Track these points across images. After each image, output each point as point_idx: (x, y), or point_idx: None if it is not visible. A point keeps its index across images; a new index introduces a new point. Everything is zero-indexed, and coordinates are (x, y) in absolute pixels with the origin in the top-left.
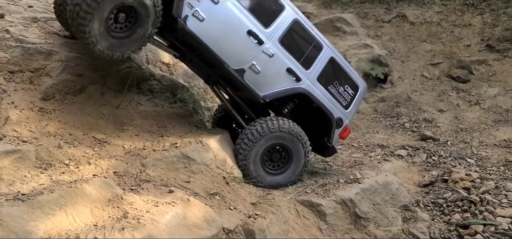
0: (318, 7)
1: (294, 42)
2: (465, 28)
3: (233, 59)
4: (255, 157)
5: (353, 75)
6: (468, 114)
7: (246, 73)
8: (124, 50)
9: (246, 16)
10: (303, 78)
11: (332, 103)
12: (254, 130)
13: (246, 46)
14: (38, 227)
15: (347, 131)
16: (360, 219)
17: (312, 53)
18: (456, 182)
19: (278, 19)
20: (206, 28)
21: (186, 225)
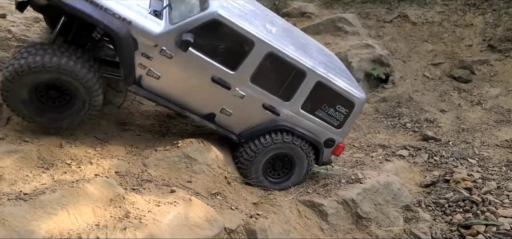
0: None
1: (269, 77)
2: (466, 28)
3: (200, 107)
4: (257, 172)
5: (347, 92)
6: (469, 114)
7: (217, 117)
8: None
9: (207, 64)
10: (283, 110)
11: (321, 127)
12: (248, 149)
13: (212, 93)
14: (40, 227)
15: (340, 148)
16: (362, 219)
17: (293, 83)
18: (458, 182)
19: (247, 58)
20: (165, 84)
21: (188, 225)
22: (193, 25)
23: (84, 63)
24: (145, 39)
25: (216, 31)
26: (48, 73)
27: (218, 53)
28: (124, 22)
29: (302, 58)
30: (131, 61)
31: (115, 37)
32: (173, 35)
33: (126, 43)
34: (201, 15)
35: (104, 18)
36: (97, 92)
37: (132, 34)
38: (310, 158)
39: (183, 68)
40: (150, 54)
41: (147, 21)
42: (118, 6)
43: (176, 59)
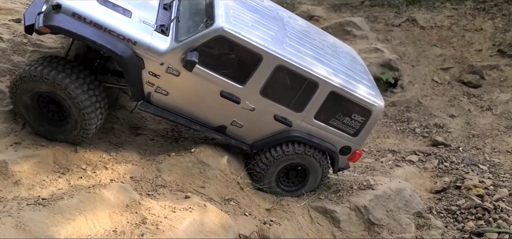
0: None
1: (280, 89)
2: (476, 33)
3: (211, 120)
4: (270, 183)
5: (364, 101)
6: (480, 120)
7: (228, 129)
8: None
9: (215, 80)
10: (296, 121)
11: (336, 136)
12: (259, 162)
13: (222, 107)
14: (59, 232)
15: (357, 155)
16: (374, 226)
17: (305, 94)
18: (469, 189)
19: (256, 72)
20: (173, 100)
21: (203, 232)
22: (198, 43)
23: (81, 84)
24: (151, 58)
25: (222, 46)
26: (46, 85)
27: (226, 68)
28: (129, 43)
29: (313, 69)
30: (138, 80)
31: (120, 60)
32: (179, 52)
33: (131, 64)
34: (206, 32)
35: (107, 42)
36: (89, 116)
37: (138, 53)
38: (325, 166)
39: (191, 85)
40: (157, 73)
41: (153, 38)
42: (122, 26)
43: (184, 77)
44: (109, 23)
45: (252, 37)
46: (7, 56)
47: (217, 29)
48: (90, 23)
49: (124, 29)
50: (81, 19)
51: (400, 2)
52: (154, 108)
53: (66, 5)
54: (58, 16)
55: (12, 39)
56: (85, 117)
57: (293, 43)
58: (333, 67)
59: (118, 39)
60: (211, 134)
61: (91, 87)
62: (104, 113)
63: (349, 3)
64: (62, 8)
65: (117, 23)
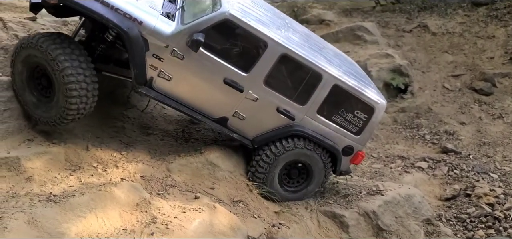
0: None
1: (283, 79)
2: (488, 40)
3: (213, 110)
4: (272, 183)
5: (367, 97)
6: (491, 128)
7: (230, 121)
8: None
9: (219, 66)
10: (298, 115)
11: (338, 133)
12: (260, 161)
13: (224, 95)
14: (70, 229)
15: (359, 156)
16: (382, 232)
17: (309, 86)
18: (479, 197)
19: (260, 59)
20: (176, 86)
21: (213, 232)
22: (204, 26)
23: (71, 60)
24: (156, 40)
25: (228, 32)
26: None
27: (230, 54)
28: (135, 22)
29: (318, 60)
30: (142, 62)
31: (125, 36)
32: (184, 35)
33: (136, 43)
34: (212, 15)
35: (114, 18)
36: (71, 93)
37: (143, 34)
38: (327, 163)
39: (194, 70)
40: (161, 55)
41: (159, 21)
42: (129, 6)
43: (188, 61)
44: (117, 2)
45: (258, 24)
46: None
47: (223, 12)
48: (98, 0)
49: (131, 9)
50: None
51: (412, 8)
52: (156, 94)
53: None
54: None
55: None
56: (67, 93)
57: (296, 38)
58: (336, 64)
59: (124, 18)
60: (213, 125)
61: (82, 66)
62: (90, 102)
63: (360, 8)
64: None
65: (125, 4)
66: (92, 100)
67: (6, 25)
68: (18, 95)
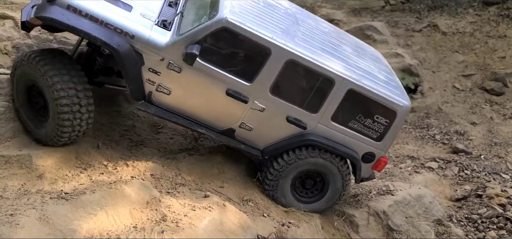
0: (348, 15)
1: (291, 86)
2: (499, 40)
3: (217, 123)
4: (283, 193)
5: (387, 100)
6: (502, 128)
7: (237, 132)
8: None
9: (220, 77)
10: (311, 123)
11: (357, 140)
12: (271, 168)
13: (228, 108)
14: (81, 226)
15: (382, 163)
16: (393, 232)
17: (320, 92)
18: (491, 197)
19: (264, 67)
20: (176, 100)
21: (223, 231)
22: (200, 35)
23: (64, 78)
24: (151, 53)
25: (227, 40)
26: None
27: (231, 63)
28: (126, 36)
29: (328, 64)
30: (137, 77)
31: (115, 54)
32: (180, 47)
33: (129, 59)
34: (208, 23)
35: (102, 34)
36: (63, 114)
37: (136, 48)
38: (345, 173)
39: (194, 83)
40: (158, 69)
41: (153, 32)
42: (120, 19)
43: (186, 73)
44: (105, 15)
45: (259, 29)
46: None
47: (220, 20)
48: (85, 16)
49: (121, 22)
50: (76, 12)
51: (422, 8)
52: (156, 108)
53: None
54: (52, 8)
55: (39, 35)
56: (58, 109)
57: (306, 38)
58: (352, 64)
59: (115, 33)
60: (218, 138)
61: (74, 81)
62: (85, 118)
63: (369, 8)
64: (57, 0)
65: (114, 16)
66: (87, 116)
67: (18, 24)
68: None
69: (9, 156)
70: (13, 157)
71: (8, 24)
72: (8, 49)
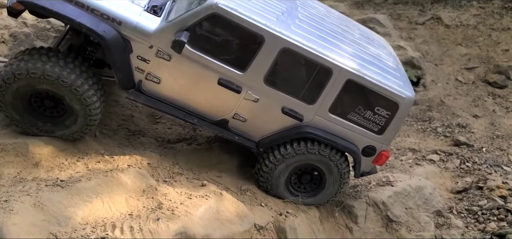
0: (350, 7)
1: (287, 77)
2: (503, 32)
3: (210, 113)
4: (278, 187)
5: (389, 92)
6: (505, 121)
7: (231, 123)
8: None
9: (211, 65)
10: (307, 115)
11: (357, 133)
12: (266, 160)
13: (221, 98)
14: (76, 213)
15: (383, 157)
16: (392, 223)
17: (317, 83)
18: (492, 189)
19: (258, 56)
20: (166, 89)
21: (219, 219)
22: (190, 22)
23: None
24: (139, 40)
25: (218, 26)
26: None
27: (223, 51)
28: (113, 22)
29: (326, 53)
30: (125, 65)
31: (101, 41)
32: (169, 34)
33: (115, 47)
34: (198, 9)
35: (87, 21)
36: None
37: (123, 35)
38: (343, 170)
39: (184, 72)
40: (147, 57)
41: (141, 18)
42: (107, 5)
43: (176, 62)
44: (93, 2)
45: (252, 15)
46: (30, 41)
47: (210, 5)
48: (71, 1)
49: (108, 8)
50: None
51: (425, 0)
52: (146, 98)
53: None
54: None
55: (36, 24)
56: (88, 102)
57: (304, 25)
58: (353, 53)
59: (101, 19)
60: (212, 129)
61: (88, 73)
62: (102, 106)
63: (372, 0)
64: None
65: (102, 3)
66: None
67: None
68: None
69: (4, 144)
70: (9, 145)
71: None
72: (5, 38)
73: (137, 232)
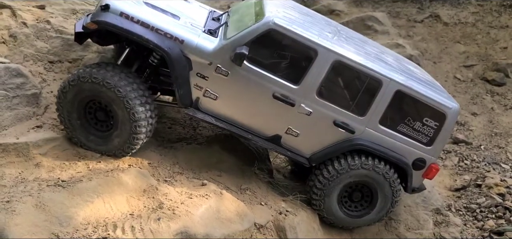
0: (349, 5)
1: (338, 89)
2: (502, 30)
3: (264, 128)
4: (331, 204)
5: (436, 102)
6: (503, 118)
7: (283, 138)
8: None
9: (266, 80)
10: (359, 127)
11: (407, 145)
12: (320, 176)
13: (275, 112)
14: (78, 213)
15: (433, 170)
16: (391, 221)
17: (367, 94)
18: (490, 187)
19: (311, 69)
20: (223, 105)
21: (219, 218)
22: (248, 38)
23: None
24: (199, 58)
25: (273, 42)
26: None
27: (278, 66)
28: (176, 41)
29: (375, 65)
30: (186, 82)
31: (167, 56)
32: (228, 50)
33: (179, 63)
34: (256, 26)
35: (154, 38)
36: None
37: (185, 53)
38: (395, 188)
39: (241, 86)
40: (206, 74)
41: (201, 39)
42: (169, 26)
43: (233, 77)
44: (156, 22)
45: (306, 31)
46: (30, 41)
47: (267, 22)
48: (137, 22)
49: (171, 29)
50: (128, 18)
51: None
52: (203, 114)
53: (114, 6)
54: (106, 14)
55: (36, 25)
56: (136, 130)
57: (350, 44)
58: (397, 68)
59: (165, 37)
60: (265, 145)
61: (145, 93)
62: (151, 129)
63: None
64: (110, 9)
65: (165, 24)
66: (153, 121)
67: (15, 13)
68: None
69: (6, 145)
70: (11, 146)
71: (6, 13)
72: (5, 38)
73: (138, 232)
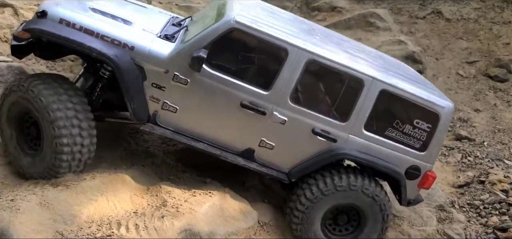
0: (350, 2)
1: (315, 92)
2: (504, 26)
3: (233, 142)
4: (314, 229)
5: (427, 101)
6: (506, 114)
7: (257, 152)
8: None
9: (232, 86)
10: (341, 135)
11: (397, 152)
12: (301, 197)
13: (244, 123)
14: (82, 212)
15: (429, 178)
16: (394, 217)
17: (349, 96)
18: (493, 183)
19: (282, 72)
20: (184, 118)
21: (223, 216)
22: (207, 40)
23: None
24: (153, 66)
25: (237, 44)
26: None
27: (244, 71)
28: (125, 48)
29: (355, 63)
30: (139, 94)
31: (113, 65)
32: (186, 56)
33: (129, 73)
34: (215, 26)
35: (98, 45)
36: (61, 155)
37: (136, 61)
38: (387, 211)
39: (203, 96)
40: (162, 84)
41: (154, 44)
42: (117, 31)
43: (193, 85)
44: (101, 28)
45: (274, 29)
46: None
47: (228, 20)
48: (80, 29)
49: (119, 34)
50: (69, 25)
51: None
52: (162, 130)
53: (53, 12)
54: (43, 21)
55: None
56: (57, 148)
57: (325, 42)
58: (380, 66)
59: (112, 44)
60: (236, 161)
61: (77, 107)
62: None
63: None
64: (48, 15)
65: (112, 29)
66: (89, 142)
67: (17, 12)
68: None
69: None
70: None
71: (8, 12)
72: (8, 37)
73: (142, 230)
